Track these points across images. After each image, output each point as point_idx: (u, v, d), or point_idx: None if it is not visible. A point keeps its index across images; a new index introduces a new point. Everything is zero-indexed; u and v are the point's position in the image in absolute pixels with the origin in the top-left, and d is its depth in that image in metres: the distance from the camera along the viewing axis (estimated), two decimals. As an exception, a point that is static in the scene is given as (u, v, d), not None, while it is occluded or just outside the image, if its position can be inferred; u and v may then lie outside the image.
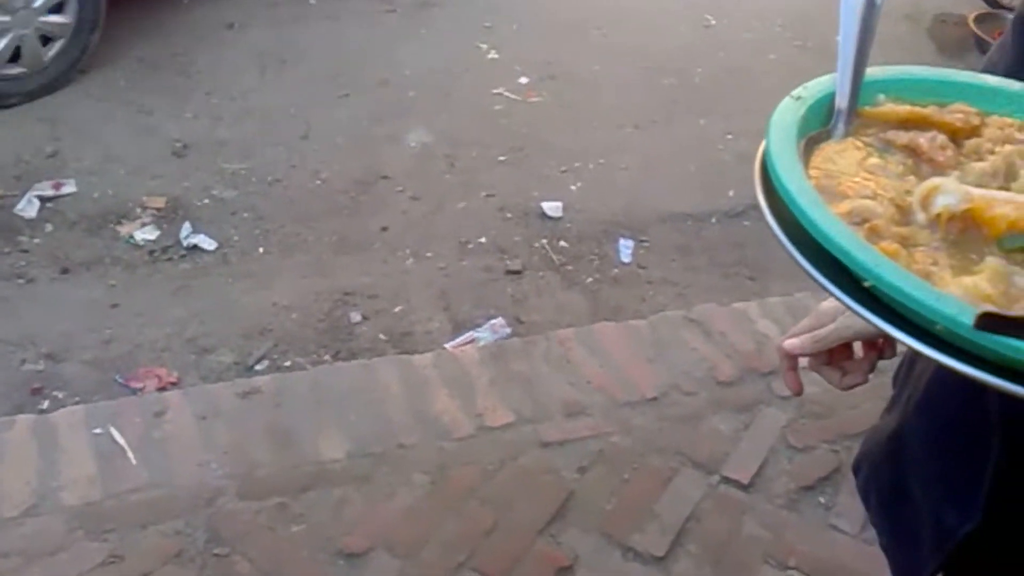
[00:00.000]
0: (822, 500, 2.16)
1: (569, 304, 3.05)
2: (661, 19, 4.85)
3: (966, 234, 0.63)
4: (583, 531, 2.06)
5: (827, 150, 0.70)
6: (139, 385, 2.64)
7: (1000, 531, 0.92)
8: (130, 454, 2.13)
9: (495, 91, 4.18)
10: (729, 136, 3.92)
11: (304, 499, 2.07)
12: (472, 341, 2.84)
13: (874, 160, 0.70)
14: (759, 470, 2.21)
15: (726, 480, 2.18)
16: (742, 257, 3.29)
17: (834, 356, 1.00)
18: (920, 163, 0.71)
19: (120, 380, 2.67)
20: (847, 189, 0.66)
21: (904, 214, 0.65)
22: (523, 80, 4.27)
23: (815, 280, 0.61)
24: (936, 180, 0.66)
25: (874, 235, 0.62)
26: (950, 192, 0.64)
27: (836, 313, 0.99)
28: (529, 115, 4.04)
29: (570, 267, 3.21)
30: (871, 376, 1.01)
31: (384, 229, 3.34)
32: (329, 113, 3.96)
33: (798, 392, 1.05)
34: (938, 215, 0.64)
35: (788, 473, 2.21)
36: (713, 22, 4.86)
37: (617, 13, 4.87)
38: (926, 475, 1.01)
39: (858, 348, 1.02)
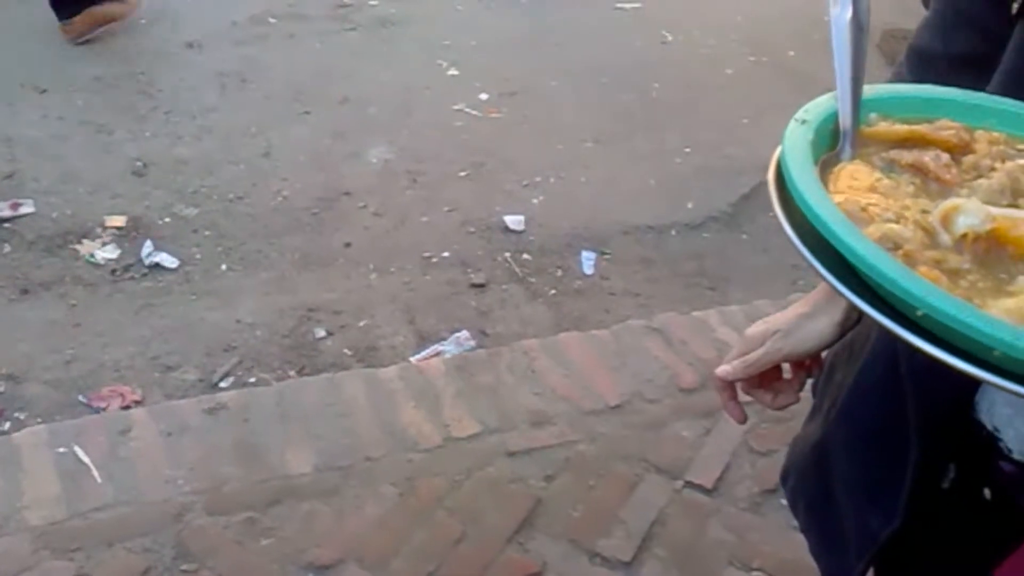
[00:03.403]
0: (784, 503, 2.18)
1: (533, 316, 3.08)
2: (619, 36, 4.91)
3: (990, 254, 0.63)
4: (551, 538, 2.08)
5: (842, 172, 0.69)
6: (102, 404, 2.62)
7: (921, 532, 0.95)
8: (95, 472, 2.12)
9: (455, 107, 4.21)
10: (687, 149, 3.98)
11: (272, 513, 2.07)
12: (437, 354, 2.85)
13: (886, 181, 0.69)
14: (722, 474, 2.25)
15: (690, 485, 2.22)
16: (702, 267, 3.34)
17: (765, 379, 1.06)
18: (928, 182, 0.70)
19: (83, 400, 2.65)
20: (871, 212, 0.65)
21: (930, 236, 0.64)
22: (483, 96, 4.30)
23: (860, 308, 0.61)
24: (955, 200, 0.65)
25: (909, 261, 0.61)
26: (971, 212, 0.64)
27: (764, 338, 1.03)
28: (490, 131, 4.07)
29: (533, 279, 3.25)
30: (801, 395, 1.06)
31: (347, 245, 3.35)
32: (290, 131, 3.97)
33: (742, 420, 1.09)
34: (963, 236, 0.63)
35: (750, 477, 2.25)
36: (670, 38, 4.94)
37: (575, 30, 4.93)
38: (849, 481, 1.04)
39: (787, 369, 1.07)
